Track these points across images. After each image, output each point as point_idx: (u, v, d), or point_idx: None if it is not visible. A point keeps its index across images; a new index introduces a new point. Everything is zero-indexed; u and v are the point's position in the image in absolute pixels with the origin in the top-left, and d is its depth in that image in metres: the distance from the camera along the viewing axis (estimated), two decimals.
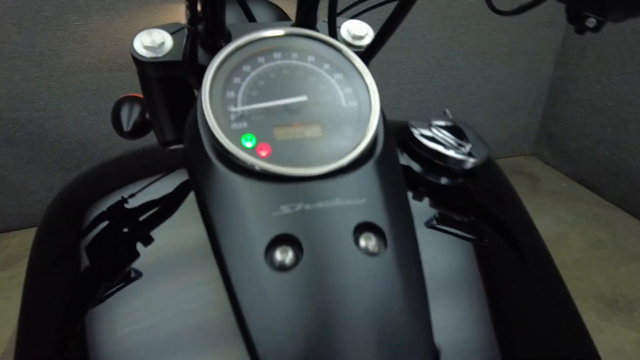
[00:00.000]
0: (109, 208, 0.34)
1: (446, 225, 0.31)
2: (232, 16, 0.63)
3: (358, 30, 0.48)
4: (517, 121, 2.41)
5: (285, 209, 0.24)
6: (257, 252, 0.23)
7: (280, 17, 0.66)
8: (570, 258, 1.69)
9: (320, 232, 0.24)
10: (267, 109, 0.29)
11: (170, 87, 0.50)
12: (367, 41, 0.48)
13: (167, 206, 0.33)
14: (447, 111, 0.37)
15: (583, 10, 0.31)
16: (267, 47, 0.32)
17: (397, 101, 2.12)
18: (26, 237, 1.74)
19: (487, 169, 0.37)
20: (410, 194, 0.32)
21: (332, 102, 0.30)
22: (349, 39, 0.49)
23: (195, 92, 0.44)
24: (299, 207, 0.24)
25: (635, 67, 1.91)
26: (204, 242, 0.26)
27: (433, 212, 0.31)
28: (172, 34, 0.45)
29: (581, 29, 0.32)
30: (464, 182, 0.34)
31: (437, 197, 0.33)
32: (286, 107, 0.29)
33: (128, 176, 0.37)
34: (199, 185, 0.28)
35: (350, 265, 0.23)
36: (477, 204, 0.34)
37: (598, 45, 2.08)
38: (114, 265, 0.29)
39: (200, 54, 0.43)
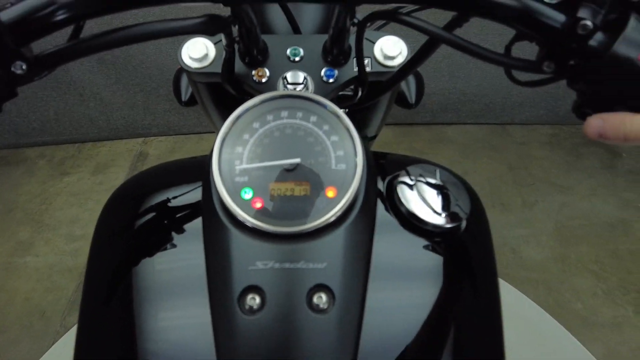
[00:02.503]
0: (152, 208, 0.43)
1: (407, 281, 0.36)
2: (278, 21, 0.65)
3: (391, 50, 0.50)
4: None
5: (259, 265, 0.31)
6: (232, 295, 0.31)
7: (324, 20, 0.67)
8: (626, 247, 1.61)
9: (282, 288, 0.31)
10: (266, 166, 0.35)
11: (214, 87, 0.56)
12: (399, 61, 0.50)
13: (193, 220, 0.41)
14: (438, 170, 0.40)
15: (585, 109, 0.32)
16: (277, 107, 0.37)
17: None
18: (113, 147, 2.00)
19: (470, 225, 0.40)
20: (383, 249, 0.37)
21: (323, 163, 0.35)
22: (380, 58, 0.51)
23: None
24: (270, 264, 0.31)
25: None
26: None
27: (402, 267, 0.37)
28: (215, 43, 0.50)
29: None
30: (441, 239, 0.38)
31: (411, 254, 0.37)
32: (282, 166, 0.35)
33: (174, 181, 0.45)
34: (205, 223, 0.36)
35: (299, 319, 0.30)
36: (446, 263, 0.38)
37: None
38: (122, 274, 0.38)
39: (239, 65, 0.49)
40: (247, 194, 0.34)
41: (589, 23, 0.28)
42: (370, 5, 0.34)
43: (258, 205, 0.34)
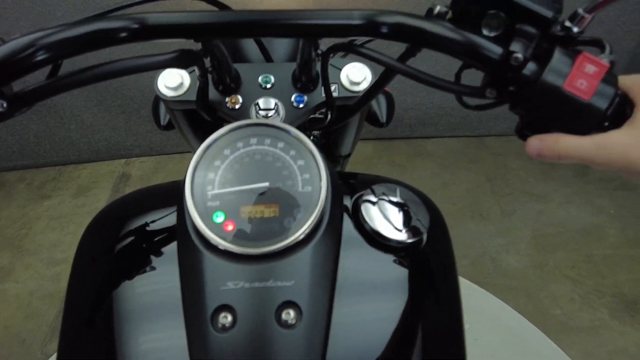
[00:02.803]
0: (131, 233, 0.45)
1: (372, 295, 0.38)
2: (251, 50, 0.69)
3: (356, 76, 0.53)
4: None
5: (230, 285, 0.34)
6: (205, 314, 0.33)
7: (294, 48, 0.70)
8: (600, 252, 1.67)
9: (252, 306, 0.33)
10: (237, 191, 0.37)
11: (190, 113, 0.59)
12: (364, 86, 0.54)
13: (169, 243, 0.43)
14: (398, 189, 0.43)
15: (525, 131, 0.36)
16: (246, 134, 0.39)
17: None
18: (95, 169, 2.00)
19: (431, 238, 0.43)
20: (349, 265, 0.39)
21: (290, 186, 0.38)
22: (347, 83, 0.54)
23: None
24: (240, 284, 0.33)
25: None
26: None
27: (367, 282, 0.39)
28: (190, 73, 0.53)
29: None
30: (404, 254, 0.41)
31: (375, 269, 0.40)
32: (252, 190, 0.37)
33: (152, 206, 0.47)
34: (179, 247, 0.38)
35: (269, 334, 0.32)
36: (409, 277, 0.40)
37: None
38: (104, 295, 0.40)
39: (213, 93, 0.51)
40: (219, 218, 0.36)
41: (520, 55, 0.32)
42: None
43: (229, 228, 0.36)
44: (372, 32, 0.34)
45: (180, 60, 0.38)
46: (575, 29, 0.33)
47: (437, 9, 0.34)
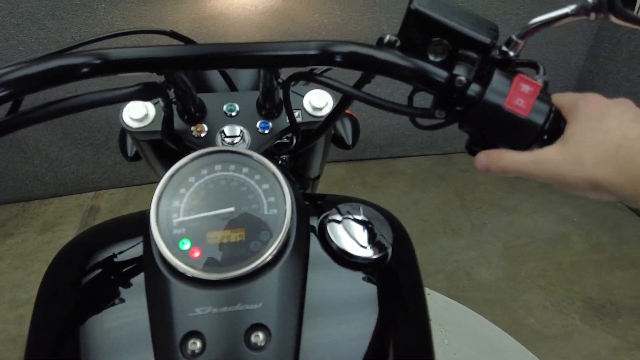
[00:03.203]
0: (98, 265, 0.44)
1: (341, 313, 0.39)
2: (216, 79, 0.70)
3: (318, 102, 0.55)
4: None
5: (198, 311, 0.34)
6: (175, 342, 0.33)
7: (257, 77, 0.73)
8: (568, 260, 1.73)
9: (221, 331, 0.33)
10: (202, 217, 0.38)
11: (156, 143, 0.59)
12: (326, 111, 0.56)
13: (137, 274, 0.42)
14: (361, 207, 0.45)
15: (474, 146, 0.38)
16: (210, 161, 0.40)
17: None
18: (62, 204, 1.94)
19: (396, 252, 0.44)
20: (317, 284, 0.40)
21: (256, 210, 0.38)
22: (309, 109, 0.56)
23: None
24: (208, 310, 0.34)
25: None
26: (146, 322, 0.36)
27: (335, 300, 0.40)
28: (155, 104, 0.54)
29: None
30: (371, 269, 0.42)
31: (343, 286, 0.41)
32: (218, 216, 0.38)
33: (118, 237, 0.46)
34: (147, 276, 0.38)
35: (238, 358, 0.32)
36: (377, 292, 0.42)
37: (634, 40, 1.98)
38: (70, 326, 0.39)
39: (178, 123, 0.52)
40: (185, 245, 0.37)
41: (463, 78, 0.34)
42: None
43: (196, 254, 0.36)
44: (328, 61, 0.36)
45: (144, 93, 0.39)
46: (512, 53, 0.36)
47: (387, 38, 0.37)
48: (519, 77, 0.34)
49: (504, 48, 0.36)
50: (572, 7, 0.34)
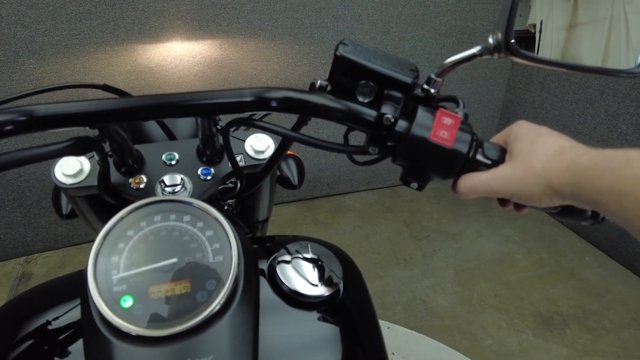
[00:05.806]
0: (29, 335, 0.40)
1: (296, 355, 0.38)
2: (154, 130, 0.70)
3: (259, 145, 0.56)
4: None
5: None
6: None
7: (196, 125, 0.73)
8: (515, 277, 1.81)
9: None
10: (144, 271, 0.36)
11: (93, 199, 0.57)
12: (268, 154, 0.56)
13: (76, 340, 0.39)
14: (309, 245, 0.45)
15: (408, 178, 0.40)
16: (149, 212, 0.39)
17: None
18: None
19: (347, 286, 0.45)
20: (270, 328, 0.39)
21: (200, 258, 0.37)
22: (252, 153, 0.56)
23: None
24: None
25: (573, 95, 2.05)
26: None
27: (290, 343, 0.39)
28: (89, 158, 0.52)
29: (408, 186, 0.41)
30: (324, 307, 0.42)
31: (297, 328, 0.40)
32: (160, 268, 0.36)
33: (52, 302, 0.43)
34: (86, 341, 0.35)
35: None
36: (332, 328, 0.41)
37: (542, 73, 2.22)
38: None
39: (115, 175, 0.50)
40: (127, 302, 0.35)
41: (390, 116, 0.37)
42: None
43: (139, 311, 0.34)
44: (264, 107, 0.38)
45: (77, 148, 0.38)
46: (432, 90, 0.39)
47: (318, 83, 0.39)
48: (440, 112, 0.38)
49: (425, 86, 0.39)
50: (478, 47, 0.38)
